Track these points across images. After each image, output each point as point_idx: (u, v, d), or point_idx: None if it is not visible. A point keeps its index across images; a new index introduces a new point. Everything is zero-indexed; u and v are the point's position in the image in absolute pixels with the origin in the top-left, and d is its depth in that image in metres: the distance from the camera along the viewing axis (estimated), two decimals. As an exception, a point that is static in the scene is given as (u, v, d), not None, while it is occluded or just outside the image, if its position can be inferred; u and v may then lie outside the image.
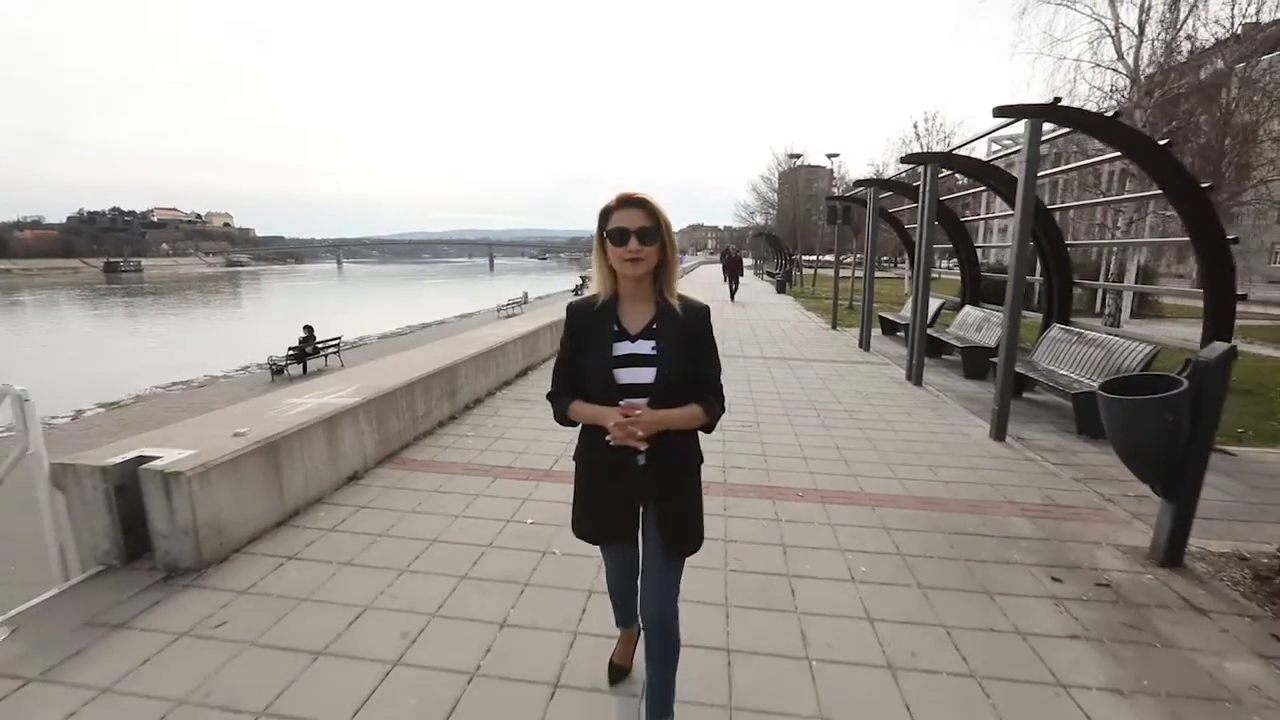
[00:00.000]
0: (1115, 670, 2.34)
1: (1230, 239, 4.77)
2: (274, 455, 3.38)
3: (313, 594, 2.77)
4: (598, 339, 1.70)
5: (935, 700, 2.16)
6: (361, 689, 2.16)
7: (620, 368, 1.67)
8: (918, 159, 7.88)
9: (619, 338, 1.69)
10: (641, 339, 1.69)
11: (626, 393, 1.66)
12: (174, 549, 2.90)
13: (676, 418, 1.66)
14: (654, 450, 1.66)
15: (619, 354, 1.68)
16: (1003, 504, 3.92)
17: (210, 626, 2.52)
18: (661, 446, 1.68)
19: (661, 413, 1.64)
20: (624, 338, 1.70)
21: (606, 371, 1.66)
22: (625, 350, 1.68)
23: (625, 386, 1.66)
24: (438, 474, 4.28)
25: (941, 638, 2.52)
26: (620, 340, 1.69)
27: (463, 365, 5.78)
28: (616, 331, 1.70)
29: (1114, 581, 2.98)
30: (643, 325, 1.70)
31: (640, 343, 1.69)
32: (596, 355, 1.68)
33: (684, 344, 1.69)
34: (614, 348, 1.68)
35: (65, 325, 33.66)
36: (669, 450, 1.70)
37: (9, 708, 2.08)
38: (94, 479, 2.88)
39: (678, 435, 1.72)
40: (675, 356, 1.67)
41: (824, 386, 7.36)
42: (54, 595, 2.76)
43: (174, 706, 2.08)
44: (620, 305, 1.72)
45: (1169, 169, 4.75)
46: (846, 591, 2.86)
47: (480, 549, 3.21)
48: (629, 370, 1.67)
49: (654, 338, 1.68)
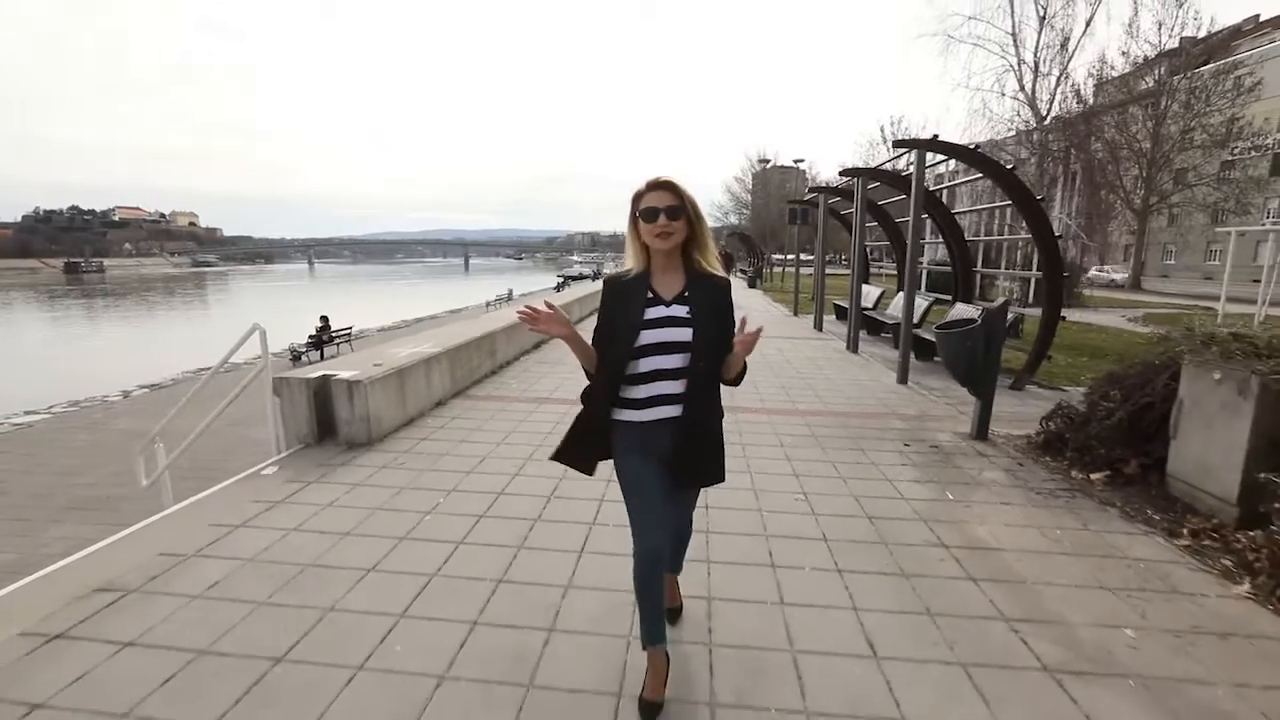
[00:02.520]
0: (920, 475, 4.17)
1: (1057, 236, 6.68)
2: (400, 379, 5.03)
3: (442, 459, 4.43)
4: (630, 305, 1.90)
5: (819, 488, 3.92)
6: (483, 505, 3.68)
7: (655, 328, 1.86)
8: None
9: (653, 303, 1.89)
10: (676, 304, 1.89)
11: (658, 350, 1.87)
12: (353, 432, 4.56)
13: (742, 356, 1.91)
14: (688, 404, 1.90)
15: (653, 316, 1.87)
16: (889, 414, 5.76)
17: (388, 471, 4.16)
18: (693, 405, 1.90)
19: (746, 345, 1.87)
20: (659, 303, 1.90)
21: (635, 332, 1.86)
22: (661, 313, 1.88)
23: (658, 344, 1.86)
24: (498, 402, 5.99)
25: (830, 469, 4.30)
26: (655, 305, 1.89)
27: (498, 333, 7.47)
28: (650, 298, 1.90)
29: (940, 445, 4.82)
30: (676, 292, 1.91)
31: (675, 307, 1.89)
32: (627, 319, 1.89)
33: (714, 307, 1.91)
34: (647, 311, 1.87)
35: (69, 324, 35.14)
36: (699, 407, 1.93)
37: (308, 492, 3.74)
38: (301, 387, 4.52)
39: (708, 393, 1.95)
40: (707, 317, 1.88)
41: (780, 354, 9.18)
42: (285, 455, 4.39)
43: (391, 496, 3.73)
44: (653, 276, 1.93)
45: (1014, 184, 6.64)
46: (776, 452, 4.62)
47: (542, 436, 4.90)
48: (667, 329, 1.86)
49: (688, 303, 1.89)
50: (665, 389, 1.90)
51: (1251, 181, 29.74)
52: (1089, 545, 3.20)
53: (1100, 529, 3.39)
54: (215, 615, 2.49)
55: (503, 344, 7.66)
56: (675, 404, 1.90)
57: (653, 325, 1.86)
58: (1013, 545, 3.18)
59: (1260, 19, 45.61)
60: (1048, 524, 3.44)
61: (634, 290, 1.91)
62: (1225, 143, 28.76)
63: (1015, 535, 3.30)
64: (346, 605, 2.55)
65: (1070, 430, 4.47)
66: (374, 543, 3.12)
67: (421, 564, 2.90)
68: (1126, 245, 39.35)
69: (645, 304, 1.89)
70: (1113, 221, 32.91)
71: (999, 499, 3.79)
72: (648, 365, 1.88)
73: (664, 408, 1.91)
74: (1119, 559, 3.06)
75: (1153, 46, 27.17)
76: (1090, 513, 3.60)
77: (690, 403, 1.90)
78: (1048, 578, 2.86)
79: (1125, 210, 30.13)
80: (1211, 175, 29.24)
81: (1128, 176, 28.79)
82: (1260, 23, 45.21)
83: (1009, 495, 3.86)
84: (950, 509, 3.64)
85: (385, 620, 2.44)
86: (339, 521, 3.37)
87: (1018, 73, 14.03)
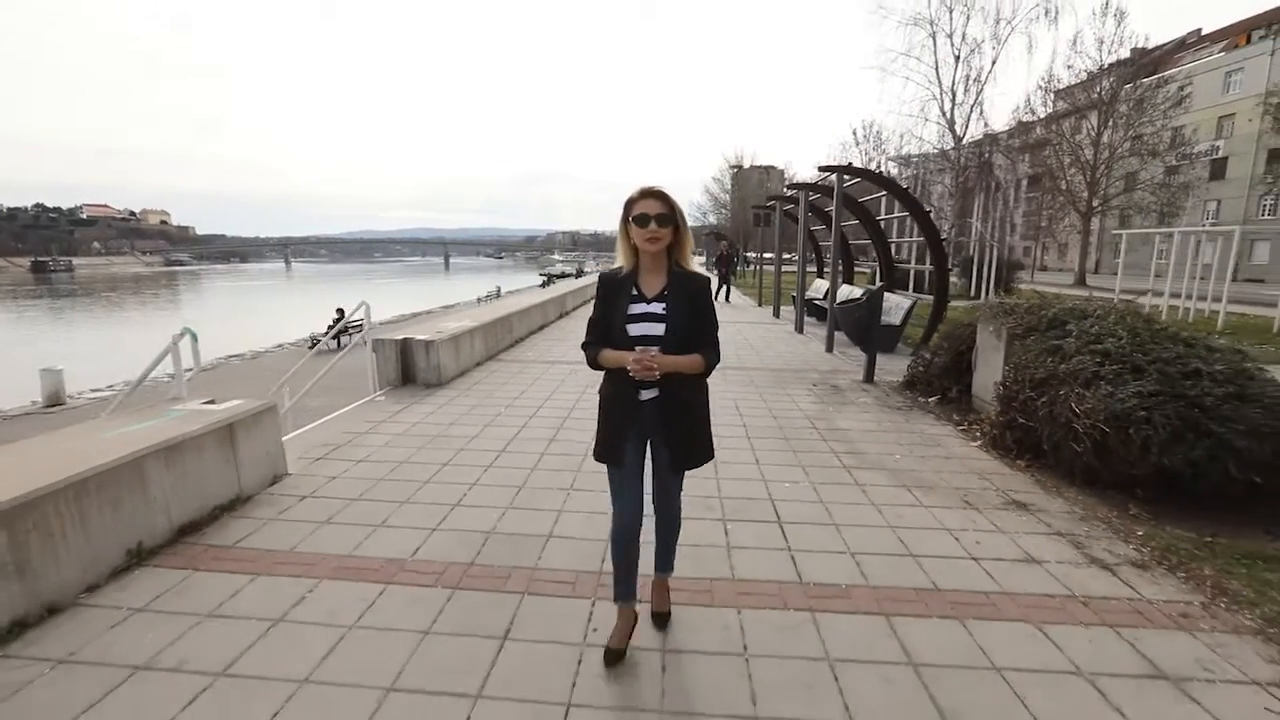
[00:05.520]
0: (816, 399, 6.23)
1: (943, 239, 8.81)
2: (455, 342, 6.98)
3: (493, 394, 6.39)
4: (619, 300, 2.13)
5: (747, 406, 5.94)
6: (525, 418, 5.69)
7: (636, 323, 2.10)
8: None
9: (637, 300, 2.12)
10: (655, 301, 2.11)
11: (639, 343, 2.07)
12: (428, 376, 6.51)
13: (681, 362, 2.07)
14: (665, 388, 2.13)
15: (635, 312, 2.11)
16: (810, 370, 7.84)
17: (459, 399, 6.10)
18: (670, 386, 2.13)
19: (670, 357, 2.05)
20: (641, 300, 2.12)
21: (621, 325, 2.10)
22: (642, 309, 2.11)
23: (639, 338, 2.09)
24: (520, 364, 7.98)
25: (758, 396, 6.33)
26: (637, 302, 2.12)
27: (514, 316, 9.44)
28: (635, 295, 2.13)
29: (838, 385, 6.90)
30: (657, 290, 2.13)
31: (654, 304, 2.11)
32: (617, 313, 2.12)
33: (688, 305, 2.11)
34: (631, 307, 2.11)
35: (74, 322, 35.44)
36: (676, 389, 2.14)
37: (410, 411, 5.67)
38: (392, 345, 6.44)
39: (681, 378, 2.14)
40: (680, 314, 2.09)
41: (739, 333, 11.27)
42: (377, 394, 6.29)
43: (463, 414, 5.67)
44: (640, 275, 2.15)
45: (909, 199, 8.75)
46: (723, 389, 6.60)
47: (558, 383, 6.87)
48: (645, 324, 2.10)
49: (665, 300, 2.11)
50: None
51: (1181, 187, 32.75)
52: (903, 428, 5.28)
53: (916, 423, 5.47)
54: (393, 455, 4.44)
55: (517, 324, 9.64)
56: (654, 388, 2.14)
57: (635, 320, 2.10)
58: (858, 429, 5.25)
59: (1201, 33, 49.10)
60: (885, 421, 5.52)
61: (622, 287, 2.15)
62: (1158, 151, 31.64)
63: (862, 425, 5.37)
64: (460, 460, 4.47)
65: (920, 372, 6.56)
66: (464, 433, 5.07)
67: (496, 444, 4.84)
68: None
69: (630, 300, 2.12)
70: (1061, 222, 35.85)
71: (861, 410, 5.87)
72: None
73: (645, 390, 2.15)
74: (917, 434, 5.13)
75: (1094, 61, 30.05)
76: (916, 416, 5.69)
77: (665, 388, 2.13)
78: (869, 440, 4.93)
79: (1073, 212, 32.86)
80: (1149, 181, 32.08)
81: (1075, 182, 31.51)
82: (1201, 36, 48.65)
83: (869, 408, 5.94)
84: (827, 414, 5.71)
85: (481, 469, 4.35)
86: (439, 422, 5.33)
87: (940, 101, 16.41)
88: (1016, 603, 2.67)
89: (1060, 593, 2.75)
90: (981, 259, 16.48)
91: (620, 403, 2.18)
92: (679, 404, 2.17)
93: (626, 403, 2.16)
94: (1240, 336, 11.60)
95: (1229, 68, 37.80)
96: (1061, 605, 2.65)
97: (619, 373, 2.12)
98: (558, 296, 13.39)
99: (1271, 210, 35.85)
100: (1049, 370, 4.40)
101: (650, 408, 2.16)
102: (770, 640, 2.39)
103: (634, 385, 2.11)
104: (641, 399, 2.16)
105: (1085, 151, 30.83)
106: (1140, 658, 2.31)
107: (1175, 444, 3.57)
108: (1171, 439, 3.58)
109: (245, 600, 2.62)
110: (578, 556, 2.99)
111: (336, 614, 2.52)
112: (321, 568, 2.88)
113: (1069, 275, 36.17)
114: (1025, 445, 4.53)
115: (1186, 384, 3.78)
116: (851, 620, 2.53)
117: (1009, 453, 4.60)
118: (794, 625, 2.49)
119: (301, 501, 3.65)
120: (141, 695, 2.06)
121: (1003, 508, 3.68)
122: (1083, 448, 3.93)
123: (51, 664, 2.21)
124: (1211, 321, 13.43)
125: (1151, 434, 3.63)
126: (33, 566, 2.43)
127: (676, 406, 2.17)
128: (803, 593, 2.73)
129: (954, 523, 3.46)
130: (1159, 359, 4.00)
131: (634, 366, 2.00)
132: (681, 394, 2.17)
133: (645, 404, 2.16)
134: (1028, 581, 2.85)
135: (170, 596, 2.64)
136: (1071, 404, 4.06)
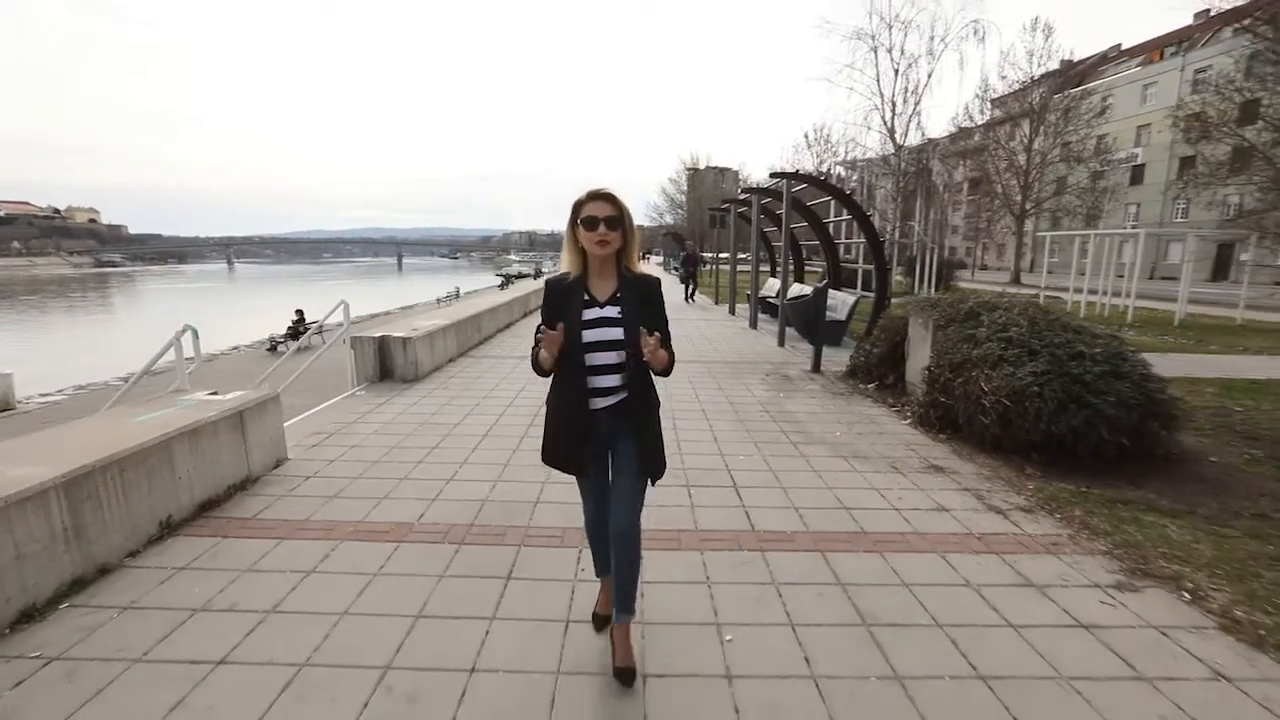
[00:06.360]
0: (768, 387, 6.85)
1: (881, 240, 9.60)
2: (430, 339, 7.33)
3: (469, 386, 6.78)
4: (570, 306, 2.06)
5: (704, 394, 6.51)
6: (502, 407, 6.16)
7: (592, 328, 2.04)
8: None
9: (589, 305, 2.07)
10: (609, 305, 2.07)
11: (596, 348, 2.03)
12: (404, 372, 6.83)
13: (663, 357, 2.05)
14: (624, 393, 2.08)
15: (589, 317, 2.05)
16: (763, 362, 8.48)
17: (438, 392, 6.47)
18: (631, 393, 2.09)
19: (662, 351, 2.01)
20: (594, 305, 2.07)
21: (576, 331, 2.03)
22: (595, 314, 2.06)
23: (596, 343, 2.04)
24: (492, 359, 8.39)
25: (715, 385, 6.91)
26: (590, 307, 2.07)
27: (483, 314, 9.80)
28: (587, 300, 2.07)
29: (788, 375, 7.55)
30: (609, 294, 2.09)
31: (608, 308, 2.07)
32: (569, 319, 2.04)
33: (642, 307, 2.09)
34: (584, 312, 2.05)
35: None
36: (634, 393, 2.11)
37: (392, 404, 6.02)
38: (370, 342, 6.75)
39: (640, 382, 2.11)
40: (637, 317, 2.05)
41: (697, 330, 11.89)
42: (357, 389, 6.60)
43: (443, 405, 6.06)
44: (589, 279, 2.10)
45: (851, 204, 9.51)
46: (683, 380, 7.16)
47: (528, 378, 7.28)
48: (602, 329, 2.04)
49: (619, 304, 2.07)
50: (602, 382, 2.08)
51: (1104, 191, 35.24)
52: (844, 410, 5.94)
53: (855, 406, 6.14)
54: (384, 441, 4.82)
55: (486, 322, 10.01)
56: (611, 395, 2.10)
57: (590, 325, 2.05)
58: (805, 411, 5.88)
59: (1121, 48, 52.63)
60: (829, 404, 6.17)
61: (572, 293, 2.08)
62: (1084, 158, 33.94)
63: (808, 408, 6.00)
64: (447, 445, 4.87)
65: (861, 361, 7.26)
66: (448, 421, 5.47)
67: (479, 430, 5.27)
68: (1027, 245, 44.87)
69: (582, 305, 2.06)
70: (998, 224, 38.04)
71: (808, 396, 6.52)
72: (588, 361, 2.06)
73: (601, 399, 2.10)
74: (855, 414, 5.79)
75: (1025, 72, 32.11)
76: (856, 400, 6.36)
77: (625, 393, 2.10)
78: (814, 421, 5.55)
79: (1008, 214, 34.89)
80: (1075, 185, 34.36)
81: (1010, 186, 33.49)
82: (1122, 51, 52.11)
83: (815, 394, 6.59)
84: (778, 400, 6.33)
85: (468, 450, 4.79)
86: (422, 412, 5.71)
87: (881, 111, 17.55)
88: (926, 540, 3.28)
89: (961, 532, 3.38)
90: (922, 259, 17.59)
91: (572, 412, 2.12)
92: (639, 407, 2.14)
93: (579, 412, 2.11)
94: (1146, 329, 12.89)
95: (1145, 81, 40.69)
96: (961, 540, 3.28)
97: (567, 382, 2.10)
98: (521, 296, 13.81)
99: (1184, 214, 38.82)
100: (964, 355, 5.10)
101: (607, 415, 2.12)
102: (728, 572, 2.93)
103: (586, 394, 2.08)
104: (594, 408, 2.11)
105: (1019, 157, 32.83)
106: (1016, 574, 2.94)
107: (1061, 414, 4.28)
108: (1058, 410, 4.29)
109: (277, 558, 3.00)
110: (564, 516, 3.46)
111: (361, 565, 2.94)
112: (339, 531, 3.28)
113: (1006, 274, 38.32)
114: (946, 421, 5.22)
115: (1071, 364, 4.50)
116: (794, 556, 3.09)
117: (933, 428, 5.29)
118: (747, 561, 3.04)
119: (307, 481, 4.01)
120: (206, 628, 2.45)
121: (923, 471, 4.33)
122: (990, 420, 4.62)
123: (118, 610, 2.57)
124: (1124, 315, 14.77)
125: (1042, 406, 4.34)
126: (87, 532, 2.77)
127: (637, 410, 2.14)
128: (755, 538, 3.28)
129: (881, 483, 4.08)
130: (1051, 344, 4.72)
131: (650, 353, 1.95)
132: (642, 397, 2.15)
133: (598, 413, 2.12)
134: (937, 524, 3.47)
135: (207, 558, 3.01)
136: (981, 383, 4.76)
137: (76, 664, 2.23)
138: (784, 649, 2.37)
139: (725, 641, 2.40)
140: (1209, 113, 16.70)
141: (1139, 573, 2.93)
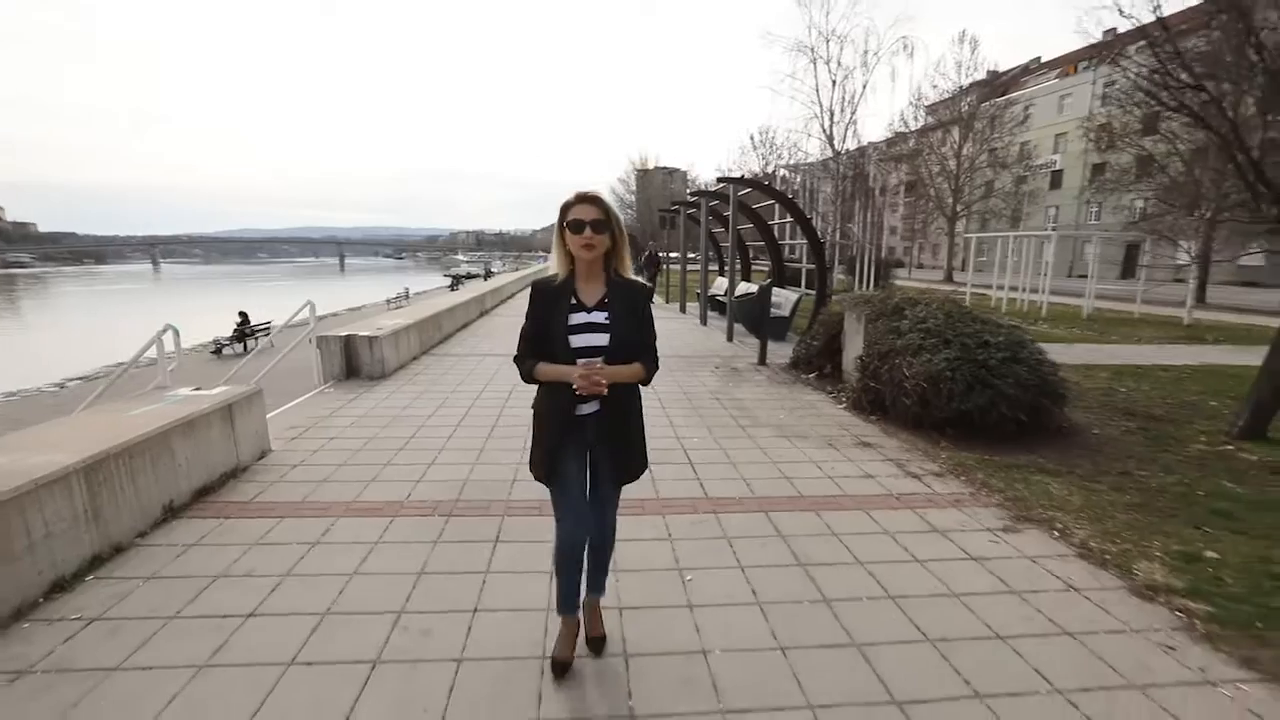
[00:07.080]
0: (718, 378, 7.41)
1: (822, 241, 10.32)
2: (396, 337, 7.56)
3: (436, 383, 7.06)
4: (556, 310, 2.04)
5: (660, 386, 7.00)
6: (470, 402, 6.50)
7: (577, 334, 2.01)
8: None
9: (576, 309, 2.04)
10: (596, 310, 2.04)
11: (583, 353, 2.00)
12: (371, 370, 7.06)
13: (624, 372, 2.03)
14: (607, 401, 2.05)
15: (576, 322, 2.02)
16: (713, 356, 9.05)
17: (406, 388, 6.73)
18: (612, 398, 2.05)
19: (614, 367, 1.99)
20: (581, 309, 2.04)
21: (563, 337, 2.01)
22: (582, 319, 2.03)
23: (582, 349, 2.01)
24: (454, 357, 8.64)
25: (671, 377, 7.41)
26: (577, 311, 2.04)
27: (443, 314, 10.01)
28: (574, 304, 2.04)
29: (737, 367, 8.14)
30: (596, 299, 2.06)
31: (595, 313, 2.04)
32: (556, 324, 2.02)
33: (630, 314, 2.06)
34: (571, 317, 2.02)
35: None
36: (616, 401, 2.08)
37: (362, 400, 6.26)
38: (336, 341, 6.94)
39: (623, 388, 2.09)
40: (623, 323, 2.04)
41: (651, 328, 12.39)
42: (325, 386, 6.79)
43: (413, 399, 6.34)
44: (577, 283, 2.07)
45: (793, 207, 10.19)
46: (642, 374, 7.66)
47: (491, 374, 7.62)
48: (588, 335, 2.02)
49: (606, 309, 2.04)
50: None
51: (1026, 195, 37.76)
52: (787, 397, 6.53)
53: (797, 393, 6.75)
54: (362, 433, 5.10)
55: (445, 322, 10.23)
56: (594, 400, 2.07)
57: (577, 330, 2.02)
58: (751, 398, 6.44)
59: (1042, 60, 56.20)
60: (773, 392, 6.76)
61: (560, 296, 2.05)
62: (1008, 163, 36.27)
63: (755, 396, 6.57)
64: (422, 435, 5.18)
65: (803, 353, 7.90)
66: (420, 414, 5.77)
67: (451, 421, 5.59)
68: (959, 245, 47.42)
69: (569, 309, 2.04)
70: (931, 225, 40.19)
71: (755, 385, 7.10)
72: None
73: (585, 405, 2.08)
74: (797, 400, 6.39)
75: (954, 82, 34.15)
76: (798, 389, 6.97)
77: (607, 400, 2.06)
78: (760, 407, 6.11)
79: (941, 216, 36.91)
80: (1001, 189, 36.67)
81: (942, 189, 35.45)
82: (1042, 63, 55.61)
83: (760, 384, 7.18)
84: (727, 388, 6.88)
85: (443, 439, 5.12)
86: (393, 406, 5.99)
87: (820, 119, 18.60)
88: (854, 500, 3.85)
89: (883, 493, 3.97)
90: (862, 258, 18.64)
91: (559, 417, 2.11)
92: (621, 415, 2.14)
93: (565, 417, 2.10)
94: (1058, 322, 14.15)
95: (1062, 92, 43.63)
96: (883, 500, 3.86)
97: (556, 386, 2.07)
98: (477, 296, 14.04)
99: (1097, 216, 41.91)
100: (890, 345, 5.75)
101: (591, 421, 2.12)
102: (686, 530, 3.41)
103: (573, 399, 2.05)
104: (580, 413, 2.11)
105: (950, 162, 34.83)
106: (925, 523, 3.53)
107: (969, 394, 4.96)
108: (966, 390, 4.97)
109: (281, 533, 3.31)
110: (541, 492, 3.78)
111: (361, 536, 3.28)
112: (335, 510, 3.60)
113: (940, 272, 40.47)
114: (876, 404, 5.87)
115: (978, 351, 5.20)
116: (742, 516, 3.60)
117: (864, 410, 5.93)
118: (702, 521, 3.53)
119: (294, 469, 4.28)
120: (230, 590, 2.76)
121: (854, 446, 4.93)
122: (911, 401, 5.28)
123: (141, 580, 2.84)
124: (1038, 310, 16.12)
125: (954, 388, 5.01)
126: (103, 513, 3.02)
127: (619, 418, 2.14)
128: (709, 504, 3.78)
129: (818, 457, 4.65)
130: (962, 334, 5.41)
131: (581, 383, 1.95)
132: (622, 405, 2.13)
133: (584, 418, 2.12)
134: (863, 488, 4.05)
135: (215, 535, 3.29)
136: (904, 369, 5.41)
137: (118, 623, 2.51)
138: (735, 584, 2.86)
139: (686, 581, 2.88)
140: (1113, 124, 18.39)
141: (1022, 519, 3.57)
